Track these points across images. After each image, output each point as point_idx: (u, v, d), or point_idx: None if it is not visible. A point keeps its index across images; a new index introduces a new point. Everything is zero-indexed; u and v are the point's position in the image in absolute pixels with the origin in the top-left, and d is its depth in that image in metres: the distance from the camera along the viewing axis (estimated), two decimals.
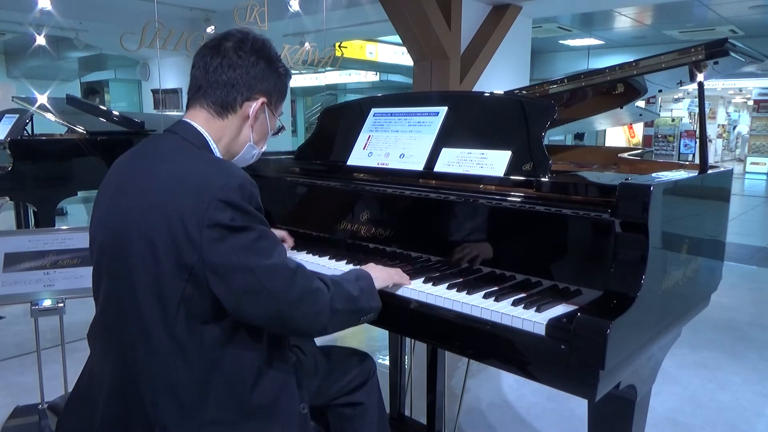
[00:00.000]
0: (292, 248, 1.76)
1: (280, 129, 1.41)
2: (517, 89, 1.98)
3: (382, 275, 1.38)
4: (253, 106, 1.27)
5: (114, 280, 1.16)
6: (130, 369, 1.13)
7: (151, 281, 1.09)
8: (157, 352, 1.11)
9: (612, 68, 1.71)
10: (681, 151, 13.98)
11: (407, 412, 2.36)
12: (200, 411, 1.13)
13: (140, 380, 1.12)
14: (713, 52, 1.50)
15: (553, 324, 1.15)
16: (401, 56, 11.52)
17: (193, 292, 1.09)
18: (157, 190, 1.12)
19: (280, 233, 1.71)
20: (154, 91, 10.08)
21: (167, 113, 8.49)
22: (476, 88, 5.84)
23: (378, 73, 14.74)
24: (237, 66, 1.24)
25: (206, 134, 1.24)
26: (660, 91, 2.20)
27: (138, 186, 1.16)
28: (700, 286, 1.55)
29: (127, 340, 1.13)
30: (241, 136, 1.29)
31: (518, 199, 1.41)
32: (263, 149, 1.39)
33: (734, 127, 19.68)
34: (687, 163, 2.16)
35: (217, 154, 1.26)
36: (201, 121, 1.25)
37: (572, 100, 2.04)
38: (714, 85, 15.20)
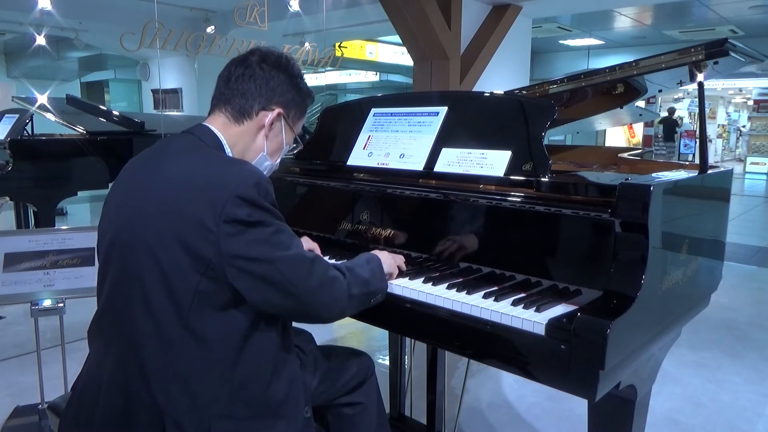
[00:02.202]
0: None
1: (297, 147, 1.44)
2: (517, 89, 1.98)
3: (388, 260, 1.43)
4: (269, 116, 1.30)
5: (122, 276, 1.16)
6: (139, 361, 1.13)
7: (162, 275, 1.10)
8: (171, 345, 1.11)
9: (612, 68, 1.71)
10: (681, 151, 13.98)
11: (407, 412, 2.36)
12: (212, 404, 1.13)
13: (150, 373, 1.12)
14: (713, 52, 1.50)
15: (553, 324, 1.15)
16: (401, 56, 11.52)
17: (210, 285, 1.10)
18: (170, 187, 1.14)
19: (313, 245, 1.70)
20: (154, 91, 10.09)
21: (167, 113, 8.49)
22: (476, 88, 5.84)
23: (378, 73, 14.74)
24: (258, 77, 1.29)
25: (222, 137, 1.28)
26: (660, 91, 2.20)
27: (151, 183, 1.18)
28: (700, 286, 1.55)
29: (135, 334, 1.13)
30: (255, 144, 1.32)
31: (518, 199, 1.41)
32: (277, 164, 1.41)
33: (735, 120, 19.62)
34: (687, 163, 2.16)
35: None
36: (218, 125, 1.29)
37: (572, 100, 2.04)
38: (714, 85, 15.20)
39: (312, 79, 14.67)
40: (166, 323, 1.11)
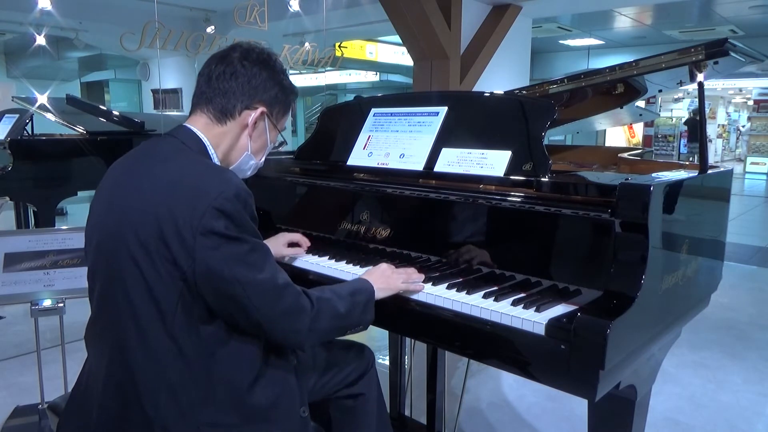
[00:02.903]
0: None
1: (282, 143, 1.43)
2: (517, 89, 1.98)
3: (385, 286, 1.37)
4: (252, 115, 1.28)
5: (108, 282, 1.16)
6: (128, 369, 1.13)
7: (145, 283, 1.10)
8: (156, 353, 1.11)
9: (612, 68, 1.71)
10: (681, 151, 13.98)
11: (407, 412, 2.36)
12: (199, 411, 1.13)
13: (138, 380, 1.12)
14: (713, 52, 1.50)
15: (553, 324, 1.15)
16: (401, 56, 11.51)
17: (188, 294, 1.10)
18: (152, 193, 1.13)
19: (296, 237, 1.71)
20: (154, 91, 10.08)
21: (167, 113, 8.49)
22: (476, 88, 5.84)
23: (378, 73, 14.72)
24: (240, 75, 1.26)
25: (205, 139, 1.25)
26: (660, 91, 2.20)
27: (134, 188, 1.17)
28: (700, 286, 1.55)
29: (123, 341, 1.13)
30: (239, 144, 1.31)
31: (518, 199, 1.41)
32: (262, 161, 1.40)
33: (735, 120, 19.61)
34: (687, 163, 2.16)
35: (215, 160, 1.27)
36: (200, 126, 1.27)
37: (572, 100, 2.04)
38: (714, 85, 15.18)
39: (312, 79, 14.66)
40: (151, 331, 1.11)
